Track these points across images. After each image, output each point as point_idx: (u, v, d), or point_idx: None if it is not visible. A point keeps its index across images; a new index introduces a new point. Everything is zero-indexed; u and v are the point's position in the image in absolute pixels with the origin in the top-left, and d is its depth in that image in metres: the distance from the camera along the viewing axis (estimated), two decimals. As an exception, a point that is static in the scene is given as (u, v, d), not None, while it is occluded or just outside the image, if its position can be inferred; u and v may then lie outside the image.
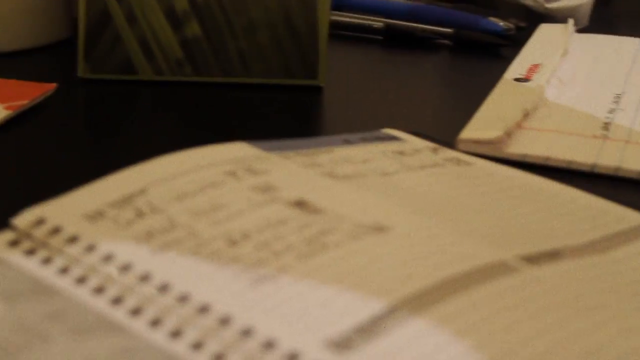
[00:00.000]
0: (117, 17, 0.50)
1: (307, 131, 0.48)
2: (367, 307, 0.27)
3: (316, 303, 0.27)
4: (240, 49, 0.51)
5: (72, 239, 0.30)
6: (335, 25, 0.64)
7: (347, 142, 0.41)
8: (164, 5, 0.50)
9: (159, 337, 0.27)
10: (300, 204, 0.33)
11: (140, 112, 0.49)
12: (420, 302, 0.28)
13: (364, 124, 0.48)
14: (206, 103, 0.50)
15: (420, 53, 0.62)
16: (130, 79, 0.51)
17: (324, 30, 0.51)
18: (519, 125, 0.47)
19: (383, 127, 0.44)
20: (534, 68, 0.55)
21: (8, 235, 0.31)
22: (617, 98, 0.52)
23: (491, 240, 0.32)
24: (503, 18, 0.65)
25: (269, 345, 0.26)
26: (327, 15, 0.51)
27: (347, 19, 0.65)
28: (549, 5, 0.68)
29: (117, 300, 0.28)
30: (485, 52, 0.63)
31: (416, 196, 0.35)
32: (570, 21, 0.65)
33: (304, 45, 0.52)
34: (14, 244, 0.31)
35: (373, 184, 0.36)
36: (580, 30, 0.67)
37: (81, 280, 0.29)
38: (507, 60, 0.59)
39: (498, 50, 0.63)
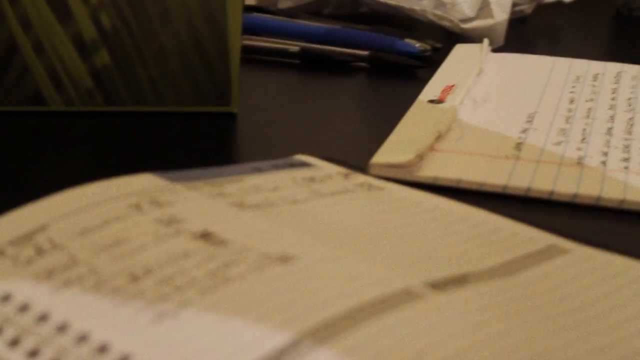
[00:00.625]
0: (24, 47, 0.49)
1: (220, 159, 0.47)
2: (271, 340, 0.27)
3: (218, 337, 0.27)
4: (151, 76, 0.51)
5: (-32, 280, 0.30)
6: (250, 50, 0.64)
7: (258, 170, 0.41)
8: (72, 35, 0.49)
9: (55, 379, 0.26)
10: (205, 236, 0.32)
11: (51, 143, 0.48)
12: (325, 332, 0.27)
13: (278, 150, 0.48)
14: (118, 133, 0.49)
15: (337, 76, 0.62)
16: (40, 110, 0.51)
17: (235, 56, 0.51)
18: (431, 148, 0.47)
19: (297, 153, 0.44)
20: (448, 89, 0.56)
21: None
22: (531, 117, 0.53)
23: (399, 267, 0.32)
24: (420, 39, 0.66)
25: (167, 384, 0.25)
26: (238, 40, 0.51)
27: (263, 44, 0.64)
28: (465, 26, 0.68)
29: (14, 342, 0.27)
30: (402, 73, 0.63)
31: (324, 224, 0.35)
32: (486, 41, 0.65)
33: (215, 71, 0.51)
34: None
35: (282, 212, 0.36)
36: (496, 49, 0.68)
37: (-24, 322, 0.28)
38: (423, 82, 0.59)
39: (414, 72, 0.63)
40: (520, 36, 0.75)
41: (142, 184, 0.36)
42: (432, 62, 0.64)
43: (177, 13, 0.50)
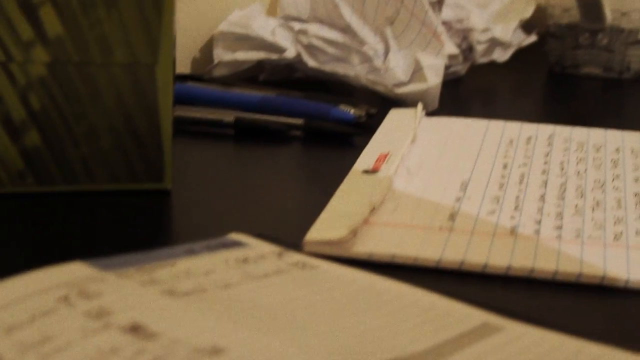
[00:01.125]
0: (-48, 130, 0.49)
1: (155, 238, 0.47)
2: None
3: None
4: (83, 155, 0.50)
5: None
6: (184, 121, 0.63)
7: (191, 252, 0.40)
8: (0, 115, 0.49)
9: None
10: (134, 329, 0.32)
11: (-19, 227, 0.47)
12: None
13: (213, 227, 0.47)
14: (50, 214, 0.49)
15: (273, 146, 0.62)
16: (-30, 192, 0.50)
17: (167, 133, 0.51)
18: (366, 222, 0.47)
19: (232, 230, 0.43)
20: (382, 158, 0.56)
21: None
22: (464, 185, 0.53)
23: (333, 352, 0.32)
24: (355, 105, 0.66)
25: None
26: (169, 117, 0.51)
27: (197, 114, 0.64)
28: (398, 91, 0.68)
29: None
30: (337, 141, 0.63)
31: (257, 310, 0.35)
32: (420, 105, 0.65)
33: (147, 148, 0.51)
34: None
35: (214, 299, 0.35)
36: (431, 112, 0.68)
37: None
38: (358, 149, 0.59)
39: (350, 139, 0.63)
40: (455, 97, 0.76)
41: (72, 273, 0.36)
42: (367, 127, 0.64)
43: (107, 92, 0.50)
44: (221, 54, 0.73)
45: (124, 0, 0.48)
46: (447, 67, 0.73)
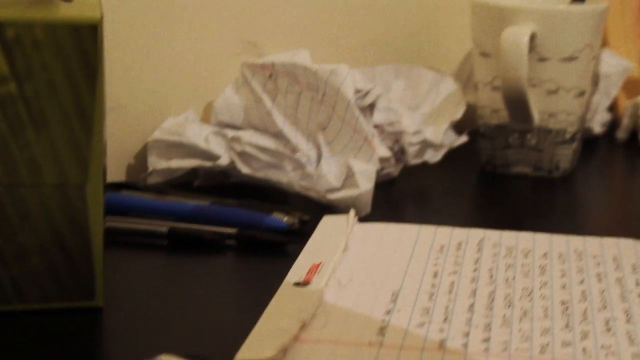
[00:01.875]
0: None
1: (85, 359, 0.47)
2: None
3: None
4: (12, 275, 0.50)
5: None
6: (116, 232, 0.64)
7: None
8: None
9: None
10: None
11: None
12: None
13: (145, 346, 0.47)
14: (-21, 336, 0.48)
15: (207, 256, 0.62)
16: None
17: (98, 250, 0.51)
18: (296, 339, 0.47)
19: (165, 348, 0.43)
20: (314, 268, 0.56)
21: None
22: (395, 296, 0.53)
23: None
24: (288, 212, 0.66)
25: None
26: (100, 234, 0.51)
27: (129, 225, 0.64)
28: (331, 196, 0.69)
29: None
30: (271, 250, 0.63)
31: None
32: (352, 212, 0.66)
33: (78, 266, 0.51)
34: None
35: None
36: (364, 217, 0.69)
37: None
38: (292, 258, 0.59)
39: (283, 248, 0.63)
40: (389, 199, 0.77)
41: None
42: (301, 235, 0.64)
43: (36, 212, 0.50)
44: (155, 162, 0.74)
45: (54, 122, 0.49)
46: (379, 170, 0.74)
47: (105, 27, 0.51)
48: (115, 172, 0.76)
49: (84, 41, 0.49)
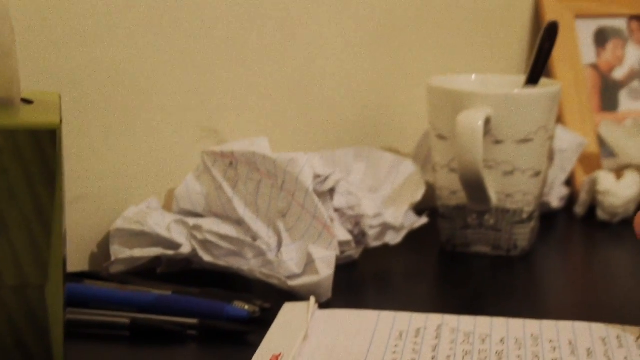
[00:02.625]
0: None
1: None
2: None
3: None
4: (-27, 377, 0.51)
5: None
6: (77, 324, 0.64)
7: None
8: None
9: None
10: None
11: None
12: None
13: None
14: None
15: (169, 347, 0.63)
16: None
17: (58, 349, 0.52)
18: None
19: None
20: (274, 359, 0.57)
21: None
22: (353, 387, 0.54)
23: None
24: (249, 300, 0.67)
25: None
26: (60, 334, 0.52)
27: (90, 317, 0.65)
28: (292, 283, 0.70)
29: None
30: (232, 340, 0.64)
31: None
32: (312, 299, 0.67)
33: (39, 367, 0.51)
34: None
35: None
36: (325, 303, 0.70)
37: None
38: (253, 347, 0.60)
39: (244, 337, 0.64)
40: (350, 282, 0.77)
41: None
42: (262, 322, 0.65)
43: (-4, 314, 0.50)
44: (117, 251, 0.75)
45: (13, 225, 0.50)
46: (341, 252, 0.75)
47: (64, 115, 0.51)
48: (78, 262, 0.77)
49: (43, 145, 0.50)
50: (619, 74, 1.06)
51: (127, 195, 0.79)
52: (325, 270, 0.70)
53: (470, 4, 0.99)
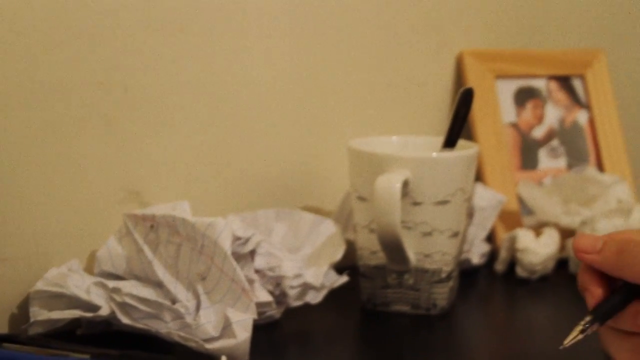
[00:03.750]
0: None
1: None
2: None
3: None
4: None
5: None
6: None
7: None
8: None
9: None
10: None
11: None
12: None
13: None
14: None
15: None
16: None
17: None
18: None
19: None
20: None
21: None
22: None
23: None
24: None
25: None
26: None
27: (8, 384, 0.65)
28: (209, 346, 0.71)
29: None
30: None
31: None
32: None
33: None
34: None
35: None
36: (243, 365, 0.71)
37: None
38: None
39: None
40: (271, 342, 0.78)
41: None
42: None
43: None
44: (37, 313, 0.75)
45: None
46: (262, 313, 0.76)
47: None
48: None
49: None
50: (538, 133, 1.09)
51: (49, 257, 0.79)
52: (242, 333, 0.71)
53: (394, 65, 1.02)
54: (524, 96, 1.09)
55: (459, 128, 0.84)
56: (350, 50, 0.98)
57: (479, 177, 1.02)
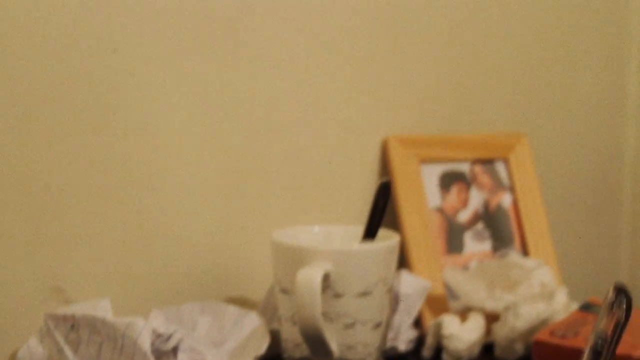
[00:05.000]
0: None
1: None
2: None
3: None
4: None
5: None
6: None
7: None
8: None
9: None
10: None
11: None
12: None
13: None
14: None
15: None
16: None
17: None
18: None
19: None
20: None
21: None
22: None
23: None
24: None
25: None
26: None
27: None
28: None
29: None
30: None
31: None
32: None
33: None
34: None
35: None
36: None
37: None
38: None
39: None
40: None
41: None
42: None
43: None
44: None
45: None
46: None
47: None
48: None
49: None
50: (463, 216, 1.11)
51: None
52: None
53: (319, 152, 1.03)
54: (448, 180, 1.11)
55: (378, 219, 0.85)
56: (274, 136, 0.99)
57: (405, 263, 1.03)
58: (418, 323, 1.03)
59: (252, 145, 0.98)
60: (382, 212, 0.85)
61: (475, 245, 1.10)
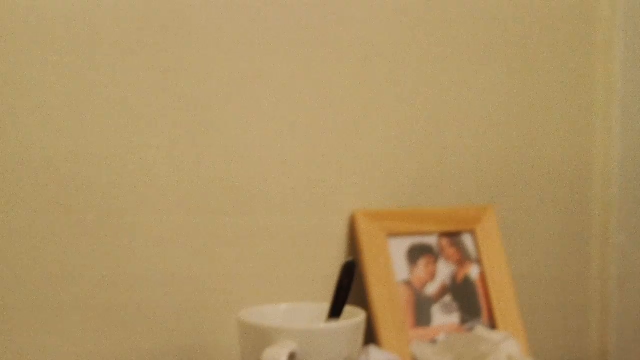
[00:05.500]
0: None
1: None
2: None
3: None
4: None
5: None
6: None
7: None
8: None
9: None
10: None
11: None
12: None
13: None
14: None
15: None
16: None
17: None
18: None
19: None
20: None
21: None
22: None
23: None
24: None
25: None
26: None
27: None
28: None
29: None
30: None
31: None
32: None
33: None
34: None
35: None
36: None
37: None
38: None
39: None
40: None
41: None
42: None
43: None
44: None
45: None
46: None
47: None
48: None
49: None
50: (431, 289, 1.11)
51: None
52: None
53: (286, 228, 1.03)
54: (416, 253, 1.12)
55: (343, 298, 0.86)
56: (241, 213, 1.00)
57: (373, 337, 1.04)
58: (387, 396, 1.03)
59: (217, 223, 0.98)
60: (347, 291, 0.86)
61: (443, 317, 1.11)
